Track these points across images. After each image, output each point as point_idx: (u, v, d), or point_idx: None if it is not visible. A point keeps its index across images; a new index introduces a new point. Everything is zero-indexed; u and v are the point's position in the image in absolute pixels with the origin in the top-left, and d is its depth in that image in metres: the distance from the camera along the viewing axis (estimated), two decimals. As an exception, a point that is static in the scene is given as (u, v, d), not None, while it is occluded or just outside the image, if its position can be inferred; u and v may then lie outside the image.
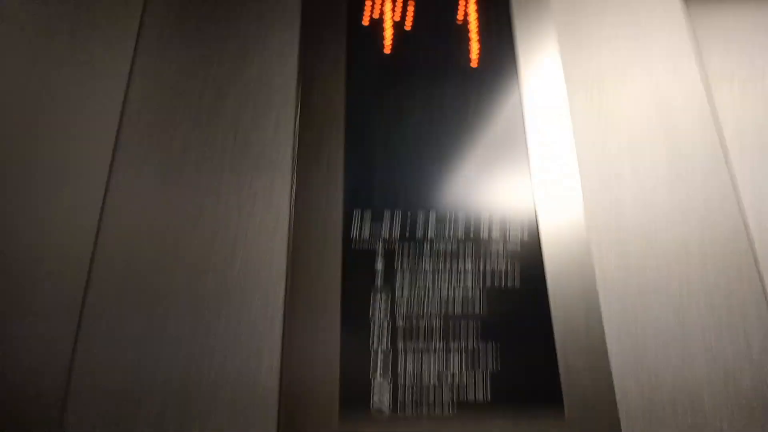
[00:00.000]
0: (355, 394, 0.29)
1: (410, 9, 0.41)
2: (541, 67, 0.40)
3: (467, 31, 0.41)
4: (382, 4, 0.41)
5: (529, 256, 0.34)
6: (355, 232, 0.33)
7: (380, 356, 0.30)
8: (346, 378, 0.29)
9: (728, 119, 0.47)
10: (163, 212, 0.31)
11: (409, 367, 0.30)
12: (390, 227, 0.33)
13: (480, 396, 0.30)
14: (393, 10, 0.41)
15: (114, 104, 0.32)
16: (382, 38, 0.40)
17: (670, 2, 0.44)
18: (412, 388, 0.30)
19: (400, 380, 0.30)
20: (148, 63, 0.34)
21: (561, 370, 0.31)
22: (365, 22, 0.40)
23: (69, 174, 0.31)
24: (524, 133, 0.38)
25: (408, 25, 0.41)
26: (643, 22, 0.43)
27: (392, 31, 0.40)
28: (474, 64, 0.40)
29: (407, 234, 0.33)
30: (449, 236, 0.34)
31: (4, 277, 0.29)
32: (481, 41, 0.41)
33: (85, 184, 0.31)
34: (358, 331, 0.31)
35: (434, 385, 0.30)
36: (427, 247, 0.33)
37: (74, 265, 0.30)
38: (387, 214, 0.34)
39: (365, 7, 0.41)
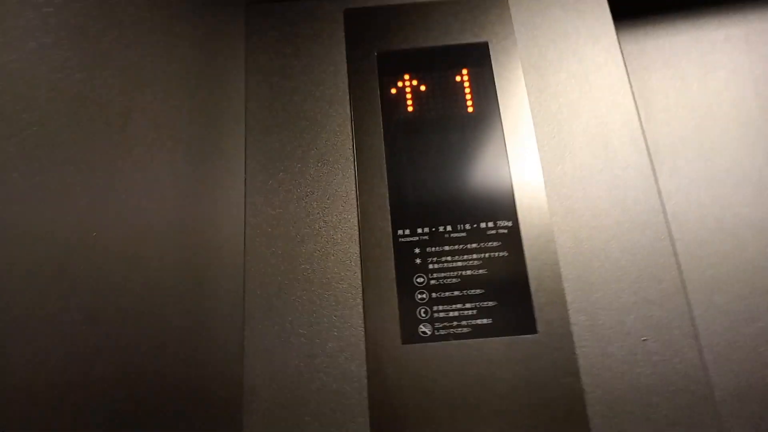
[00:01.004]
0: (409, 328, 0.49)
1: (423, 78, 0.61)
2: (515, 109, 0.59)
3: (463, 87, 0.61)
4: (403, 78, 0.61)
5: (512, 238, 0.53)
6: (400, 236, 0.53)
7: (422, 306, 0.50)
8: (403, 319, 0.50)
9: (660, 135, 0.65)
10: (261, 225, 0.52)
11: (441, 310, 0.50)
12: (422, 229, 0.53)
13: (485, 324, 0.50)
14: (410, 81, 0.61)
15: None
16: (406, 101, 0.60)
17: (611, 52, 0.60)
18: (443, 322, 0.50)
19: (436, 318, 0.50)
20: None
21: (534, 306, 0.50)
22: (393, 91, 0.60)
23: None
24: (507, 157, 0.57)
25: (423, 89, 0.60)
26: (589, 68, 0.61)
27: (412, 95, 0.60)
28: (470, 110, 0.60)
29: (433, 231, 0.53)
30: (459, 230, 0.53)
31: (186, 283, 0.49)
32: (473, 94, 0.60)
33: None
34: (407, 292, 0.51)
35: (456, 320, 0.50)
36: (446, 238, 0.53)
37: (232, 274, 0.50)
38: (419, 222, 0.54)
39: (392, 81, 0.61)
